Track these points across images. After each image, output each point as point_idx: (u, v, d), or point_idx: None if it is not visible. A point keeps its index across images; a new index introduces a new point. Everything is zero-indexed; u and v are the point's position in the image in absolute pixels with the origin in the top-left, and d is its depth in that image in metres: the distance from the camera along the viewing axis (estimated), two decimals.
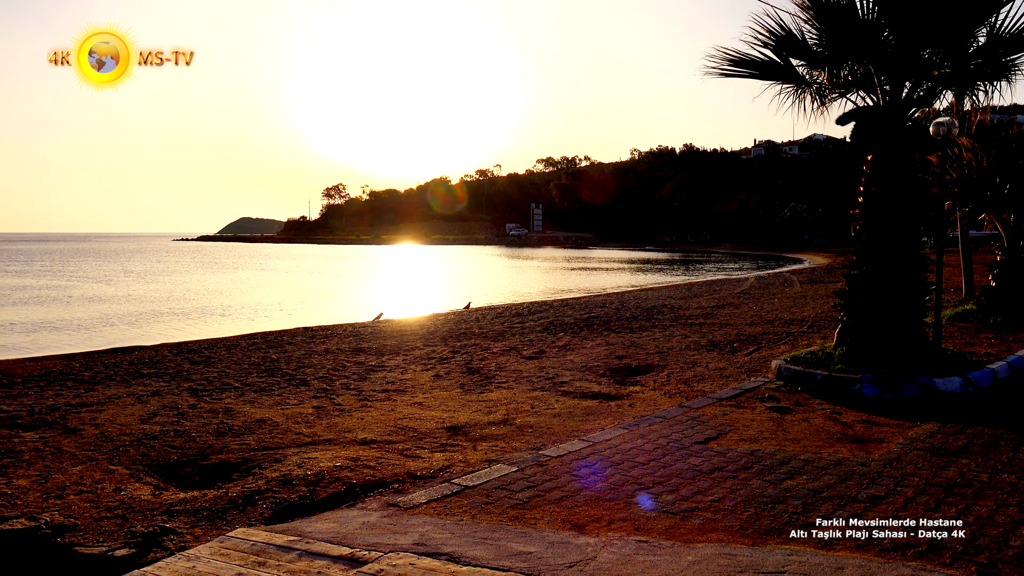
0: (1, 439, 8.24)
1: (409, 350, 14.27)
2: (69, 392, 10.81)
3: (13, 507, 6.09)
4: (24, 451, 7.70)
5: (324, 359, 13.39)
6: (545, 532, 4.97)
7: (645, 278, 49.28)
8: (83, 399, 10.24)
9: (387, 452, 7.21)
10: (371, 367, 12.40)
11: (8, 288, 39.39)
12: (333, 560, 4.50)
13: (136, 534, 5.51)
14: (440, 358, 13.16)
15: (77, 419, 9.03)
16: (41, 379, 12.05)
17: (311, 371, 12.13)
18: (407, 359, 13.16)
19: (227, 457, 7.35)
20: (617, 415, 8.42)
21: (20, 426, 8.81)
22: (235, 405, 9.66)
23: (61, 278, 49.19)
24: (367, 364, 12.70)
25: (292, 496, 6.09)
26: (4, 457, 7.49)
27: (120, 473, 6.96)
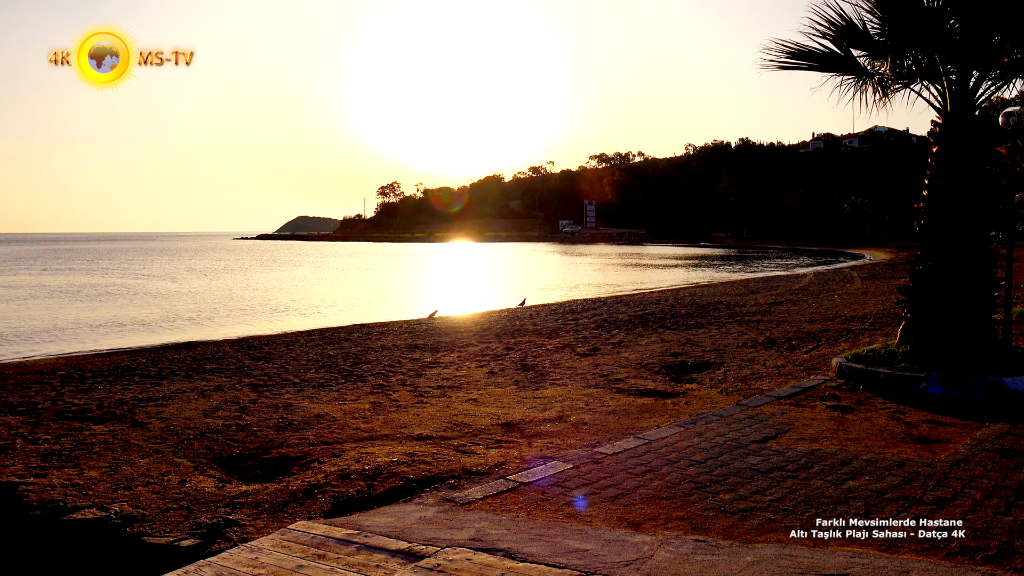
0: (73, 432, 8.55)
1: (464, 347, 14.35)
2: (136, 387, 11.15)
3: (85, 497, 6.31)
4: (95, 443, 7.98)
5: (380, 355, 13.56)
6: (601, 530, 4.95)
7: (700, 274, 48.69)
8: (149, 393, 10.55)
9: (443, 448, 7.27)
10: (426, 364, 12.51)
11: (78, 286, 40.77)
12: (391, 554, 4.55)
13: (201, 525, 5.67)
14: (494, 355, 13.20)
15: (144, 413, 9.31)
16: (110, 374, 12.46)
17: (368, 367, 12.29)
18: (462, 356, 13.25)
19: (287, 451, 7.50)
20: (673, 413, 8.34)
21: (91, 419, 9.12)
22: (294, 400, 9.85)
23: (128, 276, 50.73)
24: (422, 361, 12.81)
25: (350, 490, 6.18)
26: (76, 449, 7.77)
27: (185, 466, 7.15)
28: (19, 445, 8.02)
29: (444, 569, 4.27)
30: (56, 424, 8.95)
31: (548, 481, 5.98)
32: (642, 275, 49.09)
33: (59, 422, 9.06)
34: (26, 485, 6.61)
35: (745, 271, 52.10)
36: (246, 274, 53.28)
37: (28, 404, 10.11)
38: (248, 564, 4.52)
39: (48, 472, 7.01)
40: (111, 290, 37.79)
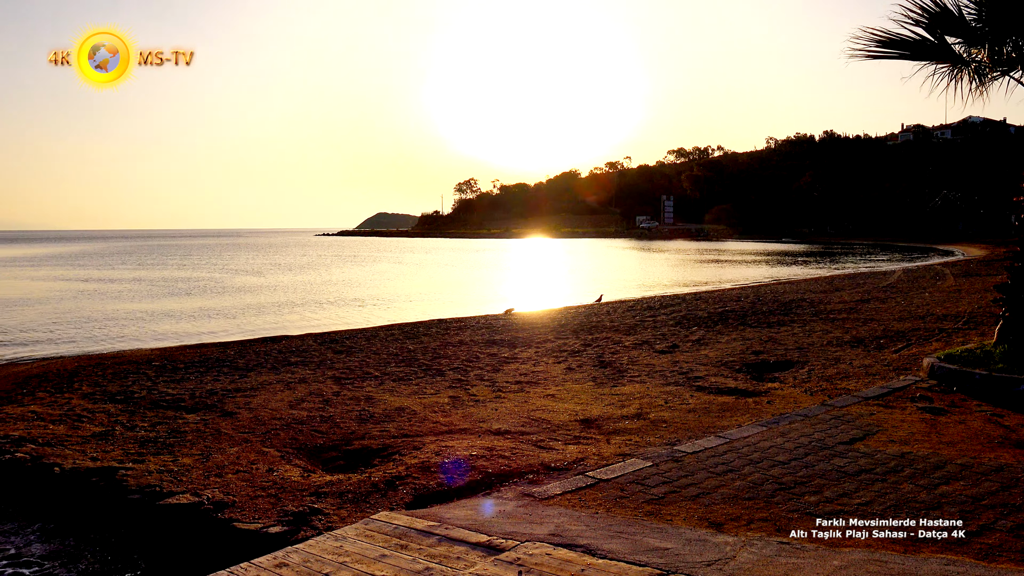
0: (167, 420, 8.93)
1: (541, 343, 14.38)
2: (225, 378, 11.55)
3: (179, 483, 6.59)
4: (187, 432, 8.31)
5: (459, 350, 13.70)
6: (682, 529, 4.90)
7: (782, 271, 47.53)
8: (238, 384, 10.92)
9: (521, 443, 7.31)
10: (504, 359, 12.58)
11: (170, 280, 42.50)
12: (471, 547, 4.60)
13: (288, 513, 5.84)
14: (572, 351, 13.19)
15: (233, 403, 9.65)
16: (200, 365, 12.94)
17: (446, 362, 12.44)
18: (539, 351, 13.27)
19: (369, 443, 7.66)
20: (755, 412, 8.18)
21: (183, 408, 9.51)
22: (375, 393, 10.04)
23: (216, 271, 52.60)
24: (500, 356, 12.89)
25: (430, 483, 6.27)
26: (170, 437, 8.11)
27: (272, 455, 7.38)
28: (118, 432, 8.42)
29: (524, 563, 4.30)
30: (152, 412, 9.36)
31: (627, 478, 5.95)
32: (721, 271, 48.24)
33: (154, 410, 9.47)
34: (125, 470, 6.94)
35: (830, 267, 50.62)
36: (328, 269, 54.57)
37: (126, 393, 10.59)
38: (333, 552, 4.64)
39: (145, 458, 7.34)
40: (201, 284, 39.25)
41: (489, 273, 50.44)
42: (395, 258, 74.14)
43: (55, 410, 9.66)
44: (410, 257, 76.49)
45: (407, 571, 4.29)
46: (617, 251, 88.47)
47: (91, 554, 6.03)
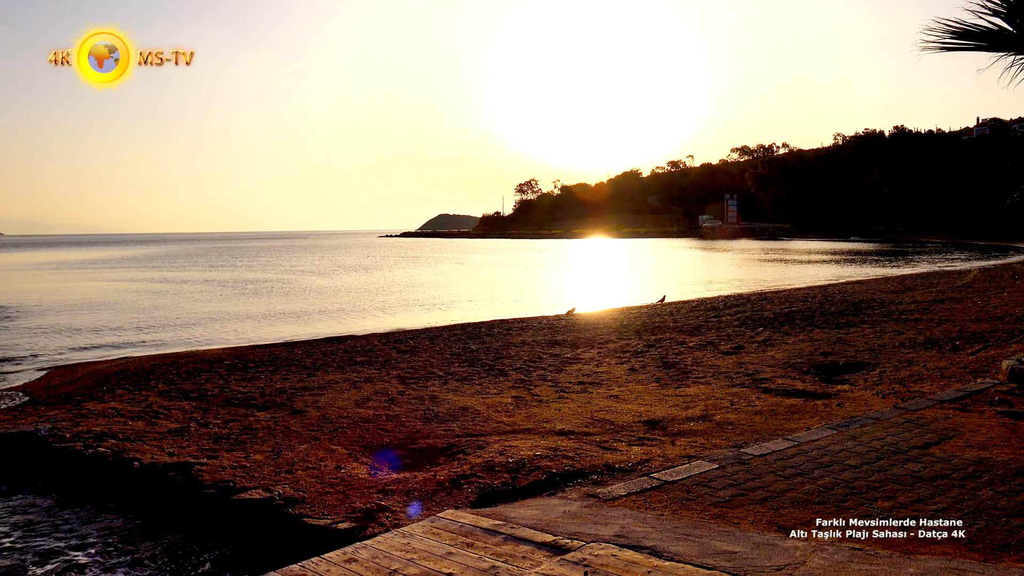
0: (239, 417, 9.18)
1: (603, 343, 14.32)
2: (294, 377, 11.82)
3: (251, 479, 6.77)
4: (259, 429, 8.54)
5: (521, 351, 13.74)
6: (749, 532, 4.83)
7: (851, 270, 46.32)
8: (306, 383, 11.16)
9: (585, 443, 7.30)
10: (566, 359, 12.57)
11: (239, 281, 43.61)
12: (537, 546, 4.63)
13: (356, 509, 5.96)
14: (634, 352, 13.11)
15: (301, 401, 9.87)
16: (270, 364, 13.27)
17: (509, 362, 12.50)
18: (601, 352, 13.23)
19: (434, 442, 7.75)
20: (824, 415, 8.00)
21: (254, 406, 9.76)
22: (439, 393, 10.15)
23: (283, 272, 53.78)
24: (562, 356, 12.89)
25: (495, 482, 6.32)
26: (243, 433, 8.34)
27: (340, 452, 7.53)
28: (193, 428, 8.70)
29: (590, 564, 4.30)
30: (224, 410, 9.64)
31: (693, 480, 5.89)
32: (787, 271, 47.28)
33: (227, 408, 9.75)
34: (200, 465, 7.16)
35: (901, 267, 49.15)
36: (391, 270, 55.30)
37: (200, 391, 10.93)
38: (401, 549, 4.71)
39: (219, 454, 7.57)
40: (269, 285, 40.17)
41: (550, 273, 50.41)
42: (456, 259, 74.70)
43: (134, 407, 10.03)
44: (471, 258, 76.96)
45: (473, 569, 4.34)
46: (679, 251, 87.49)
47: (169, 544, 6.24)
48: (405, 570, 4.37)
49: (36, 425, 9.10)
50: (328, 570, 4.43)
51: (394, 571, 4.37)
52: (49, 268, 65.55)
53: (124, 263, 74.21)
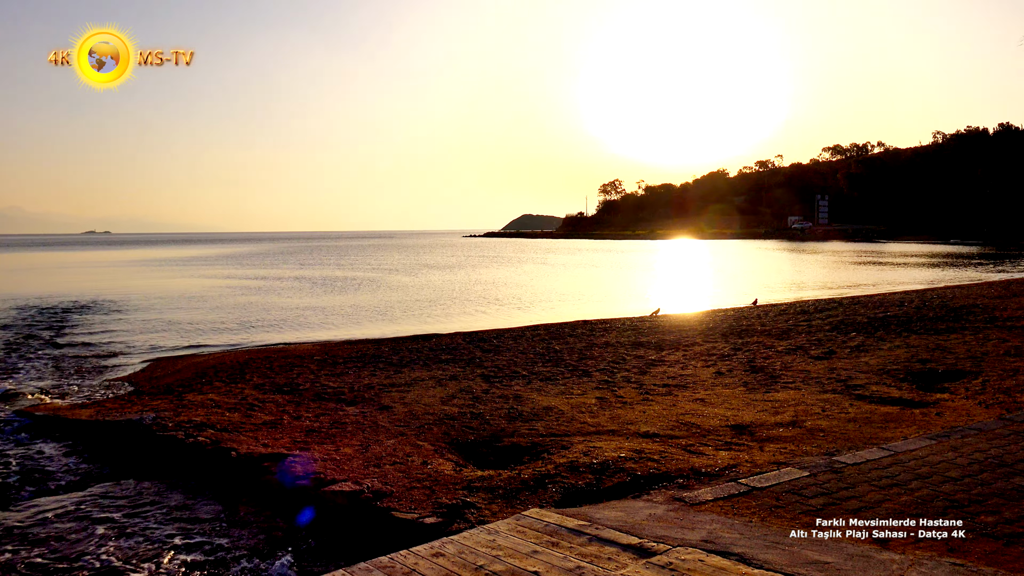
0: (329, 411, 9.44)
1: (688, 346, 14.13)
2: (381, 373, 12.07)
3: (341, 471, 6.96)
4: (348, 423, 8.76)
5: (604, 352, 13.69)
6: (843, 543, 4.69)
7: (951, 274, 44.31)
8: (392, 380, 11.39)
9: (670, 447, 7.22)
10: (651, 361, 12.46)
11: (329, 279, 44.75)
12: (622, 548, 4.61)
13: (442, 505, 6.05)
14: (721, 355, 12.88)
15: (389, 398, 10.08)
16: (358, 360, 13.59)
17: (592, 363, 12.46)
18: (687, 355, 13.05)
19: (518, 441, 7.80)
20: (922, 424, 7.70)
21: (344, 401, 10.02)
22: (523, 392, 10.21)
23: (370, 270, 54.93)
24: (647, 358, 12.78)
25: (579, 482, 6.32)
26: (333, 427, 8.57)
27: (426, 448, 7.66)
28: (286, 421, 8.99)
29: (676, 568, 4.26)
30: (315, 404, 9.93)
31: (783, 487, 5.76)
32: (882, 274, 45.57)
33: (317, 402, 10.04)
34: (293, 457, 7.40)
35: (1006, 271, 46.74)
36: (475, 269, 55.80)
37: (292, 385, 11.29)
38: (487, 545, 4.77)
39: (310, 446, 7.80)
40: (356, 283, 41.11)
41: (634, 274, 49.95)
42: (540, 259, 74.80)
43: (230, 398, 10.44)
44: (554, 258, 76.94)
45: (559, 568, 4.35)
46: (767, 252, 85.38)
47: (262, 531, 6.47)
48: (491, 566, 4.42)
49: (141, 414, 9.57)
50: (416, 563, 4.52)
51: (480, 567, 4.43)
52: (152, 265, 68.79)
53: (220, 260, 77.18)
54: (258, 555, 6.05)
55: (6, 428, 10.22)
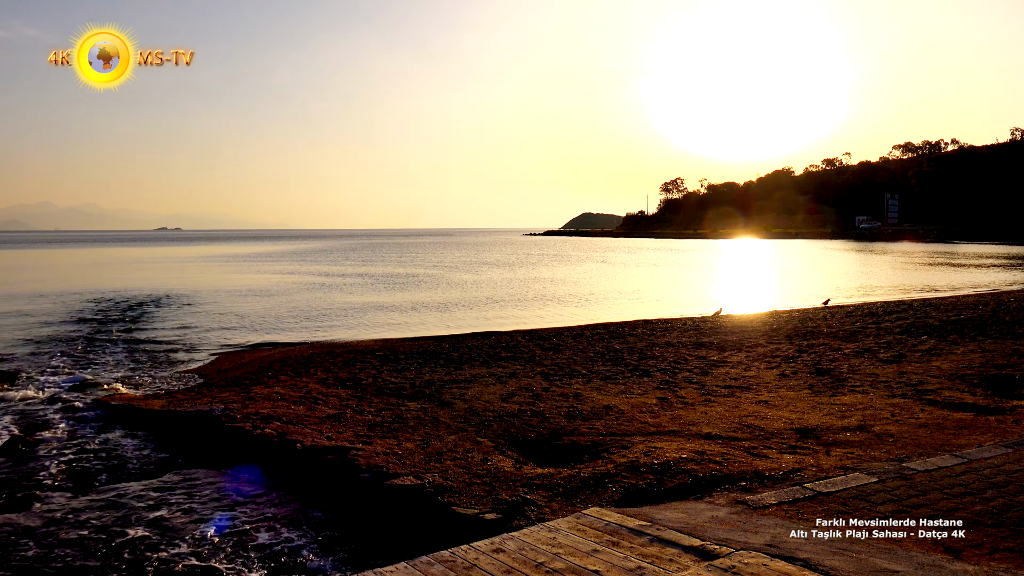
0: (391, 406, 9.57)
1: (751, 347, 13.90)
2: (441, 369, 12.18)
3: (403, 466, 7.05)
4: (409, 418, 8.87)
5: (665, 352, 13.56)
6: (913, 552, 4.57)
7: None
8: (453, 376, 11.48)
9: (732, 449, 7.12)
10: (713, 362, 12.30)
11: (390, 276, 45.32)
12: (684, 550, 4.57)
13: (502, 501, 6.09)
14: (785, 356, 12.64)
15: (449, 394, 10.17)
16: (418, 356, 13.74)
17: (653, 363, 12.36)
18: (750, 356, 12.84)
19: (578, 439, 7.79)
20: (998, 431, 7.43)
21: (405, 396, 10.15)
22: (583, 391, 10.18)
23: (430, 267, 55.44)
24: (709, 359, 12.61)
25: (639, 483, 6.28)
26: (394, 422, 8.69)
27: (486, 445, 7.71)
28: (349, 415, 9.15)
29: (739, 572, 4.20)
30: (377, 399, 10.08)
31: (850, 493, 5.63)
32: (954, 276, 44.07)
33: (379, 397, 10.19)
34: (356, 450, 7.53)
35: None
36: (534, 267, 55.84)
37: (354, 379, 11.47)
38: (547, 543, 4.77)
39: (373, 440, 7.93)
40: (416, 280, 41.55)
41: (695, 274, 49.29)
42: (600, 257, 74.44)
43: (295, 392, 10.66)
44: (614, 256, 76.47)
45: (619, 568, 4.34)
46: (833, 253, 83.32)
47: (326, 522, 6.60)
48: (551, 564, 4.43)
49: (211, 405, 9.85)
50: (477, 558, 4.55)
51: (540, 564, 4.44)
52: (220, 260, 70.66)
53: (285, 257, 78.82)
54: (323, 546, 6.18)
55: (84, 417, 10.64)
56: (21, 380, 13.55)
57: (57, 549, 6.16)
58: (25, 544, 6.26)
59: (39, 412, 10.99)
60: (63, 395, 12.14)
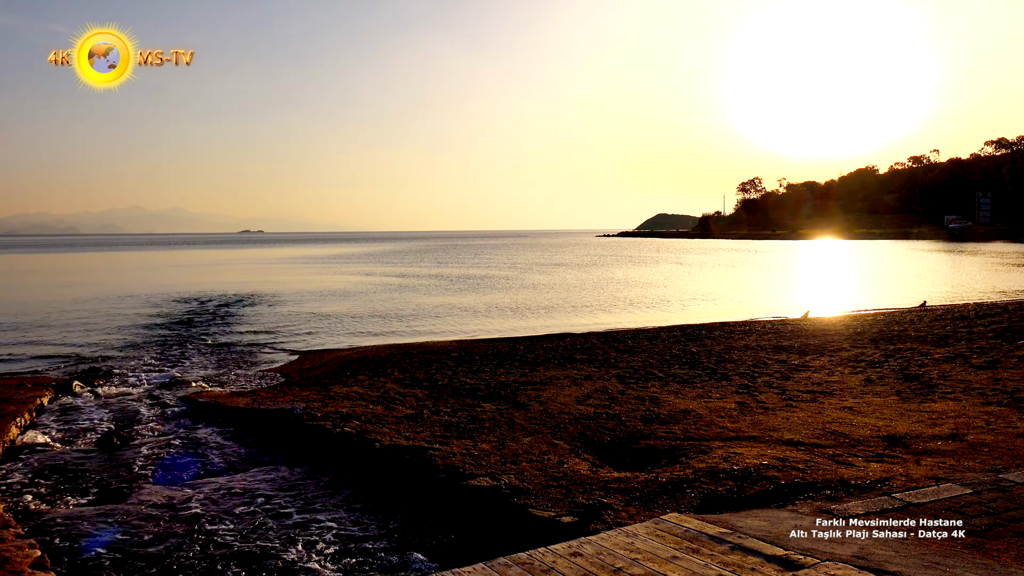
0: (467, 407, 9.64)
1: (835, 351, 13.50)
2: (516, 371, 12.21)
3: (479, 467, 7.09)
4: (485, 419, 8.91)
5: (744, 355, 13.29)
6: (1012, 568, 4.35)
7: None
8: (528, 378, 11.49)
9: (816, 456, 6.92)
10: (794, 366, 11.99)
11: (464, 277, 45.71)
12: (767, 559, 4.45)
13: (578, 504, 6.05)
14: (870, 361, 12.23)
15: (524, 395, 10.18)
16: (493, 358, 13.80)
17: (731, 366, 12.12)
18: (833, 360, 12.47)
19: (655, 443, 7.69)
20: None
21: (480, 397, 10.21)
22: (659, 394, 10.06)
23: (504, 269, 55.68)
24: (789, 363, 12.30)
25: (719, 489, 6.16)
26: (470, 423, 8.75)
27: (562, 447, 7.69)
28: (426, 415, 9.25)
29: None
30: (453, 399, 10.16)
31: (942, 504, 5.40)
32: None
33: (455, 398, 10.27)
34: (433, 450, 7.60)
35: None
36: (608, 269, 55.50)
37: (431, 380, 11.60)
38: (625, 547, 4.73)
39: (449, 441, 7.99)
40: (491, 281, 41.78)
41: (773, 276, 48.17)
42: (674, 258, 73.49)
43: (373, 392, 10.85)
44: (689, 258, 75.39)
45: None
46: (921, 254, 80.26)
47: (403, 520, 6.68)
48: (629, 569, 4.38)
49: (292, 404, 10.10)
50: (554, 561, 4.54)
51: (618, 569, 4.39)
52: (300, 262, 72.48)
53: (362, 258, 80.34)
54: (400, 545, 6.25)
55: (174, 413, 11.05)
56: (116, 377, 14.18)
57: (150, 539, 6.41)
58: (121, 533, 6.53)
59: (132, 407, 11.48)
60: (154, 392, 12.66)
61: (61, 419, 10.83)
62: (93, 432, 10.02)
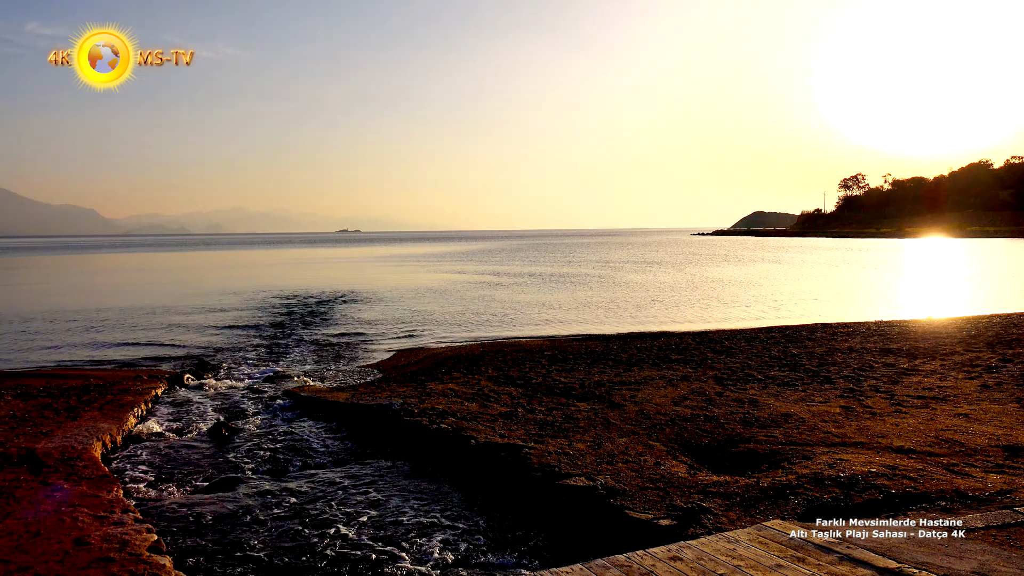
0: (561, 406, 9.61)
1: (947, 355, 12.84)
2: (610, 370, 12.11)
3: (574, 466, 7.05)
4: (579, 419, 8.87)
5: (848, 358, 12.80)
6: None
7: None
8: (622, 378, 11.38)
9: (928, 464, 6.60)
10: (902, 370, 11.47)
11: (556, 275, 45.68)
12: (878, 571, 4.26)
13: (676, 508, 5.94)
14: (987, 366, 11.58)
15: (619, 395, 10.08)
16: (587, 357, 13.73)
17: (835, 369, 11.70)
18: (945, 364, 11.87)
19: (755, 447, 7.49)
20: None
21: (574, 396, 10.17)
22: (759, 397, 9.79)
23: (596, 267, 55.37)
24: (898, 367, 11.78)
25: (824, 496, 5.94)
26: (565, 422, 8.72)
27: (658, 449, 7.57)
28: (520, 413, 9.27)
29: None
30: (547, 398, 10.15)
31: None
32: None
33: (549, 396, 10.26)
34: (528, 449, 7.61)
35: None
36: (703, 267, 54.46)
37: (524, 378, 11.63)
38: (726, 553, 4.61)
39: (544, 440, 7.99)
40: (584, 279, 41.61)
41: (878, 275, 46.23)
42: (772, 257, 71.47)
43: (468, 389, 10.95)
44: (788, 256, 73.17)
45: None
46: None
47: (501, 520, 6.71)
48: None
49: (390, 399, 10.30)
50: (653, 565, 4.46)
51: (720, 575, 4.29)
52: (395, 261, 74.01)
53: (455, 257, 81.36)
54: (497, 542, 6.28)
55: (277, 406, 11.44)
56: (223, 371, 14.80)
57: (258, 528, 6.64)
58: (231, 521, 6.80)
59: (238, 401, 11.95)
60: (258, 386, 13.15)
61: (174, 410, 11.37)
62: (203, 423, 10.47)
